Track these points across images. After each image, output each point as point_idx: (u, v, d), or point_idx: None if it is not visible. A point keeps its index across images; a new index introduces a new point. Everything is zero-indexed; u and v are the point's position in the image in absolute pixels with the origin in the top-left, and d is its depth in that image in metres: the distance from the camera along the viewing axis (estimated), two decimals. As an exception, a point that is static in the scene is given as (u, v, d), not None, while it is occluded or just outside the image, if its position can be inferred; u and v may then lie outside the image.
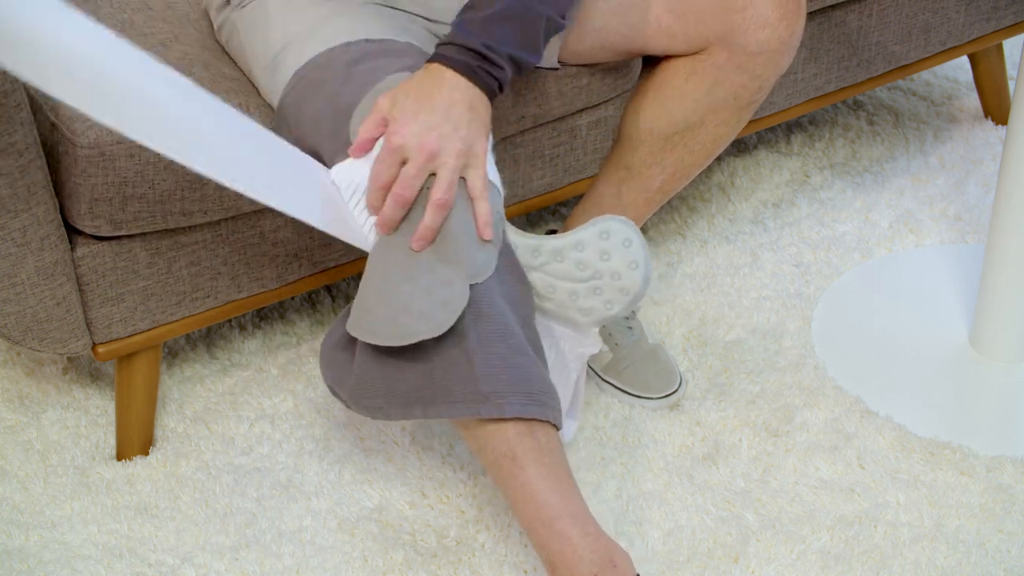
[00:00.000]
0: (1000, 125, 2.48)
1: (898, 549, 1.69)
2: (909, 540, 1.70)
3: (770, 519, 1.73)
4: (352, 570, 1.67)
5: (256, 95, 1.71)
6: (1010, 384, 1.95)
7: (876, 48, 2.19)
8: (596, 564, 1.50)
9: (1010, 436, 1.86)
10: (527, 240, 1.64)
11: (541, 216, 2.26)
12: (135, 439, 1.82)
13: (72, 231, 1.67)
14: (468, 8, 1.57)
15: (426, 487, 1.77)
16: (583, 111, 1.92)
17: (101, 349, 1.73)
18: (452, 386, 1.50)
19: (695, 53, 1.70)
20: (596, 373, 1.93)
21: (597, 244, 1.63)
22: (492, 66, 1.54)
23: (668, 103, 1.74)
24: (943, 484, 1.78)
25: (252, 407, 1.89)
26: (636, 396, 1.89)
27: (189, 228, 1.72)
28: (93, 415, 1.89)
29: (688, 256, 2.16)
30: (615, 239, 1.63)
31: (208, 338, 2.01)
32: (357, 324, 1.51)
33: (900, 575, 1.66)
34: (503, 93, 1.60)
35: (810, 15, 2.08)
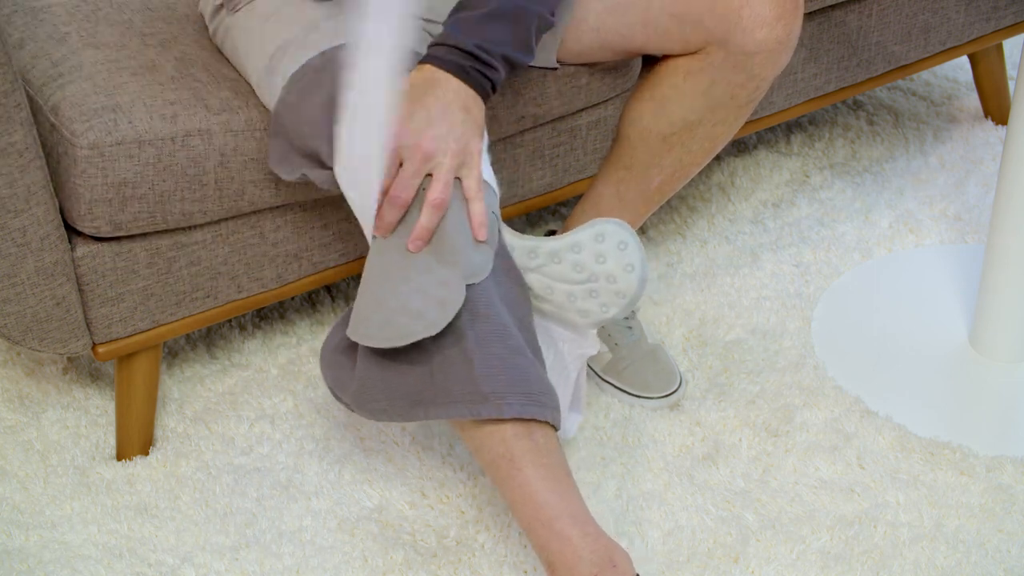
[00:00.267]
0: (1000, 125, 2.47)
1: (898, 549, 1.69)
2: (909, 540, 1.70)
3: (770, 519, 1.73)
4: (352, 570, 1.67)
5: (255, 95, 1.72)
6: (1010, 384, 1.95)
7: (876, 48, 2.19)
8: (596, 564, 1.50)
9: (1010, 436, 1.86)
10: (524, 242, 1.64)
11: (541, 216, 2.26)
12: (135, 439, 1.82)
13: (72, 231, 1.67)
14: (460, 8, 1.57)
15: (426, 487, 1.77)
16: (583, 111, 1.91)
17: (101, 349, 1.73)
18: (451, 386, 1.50)
19: (693, 53, 1.70)
20: (596, 373, 1.92)
21: (593, 247, 1.63)
22: (485, 67, 1.54)
23: (666, 103, 1.74)
24: (943, 484, 1.78)
25: (252, 407, 1.89)
26: (636, 396, 1.89)
27: (189, 228, 1.71)
28: (93, 415, 1.89)
29: (688, 256, 2.16)
30: (610, 242, 1.63)
31: (208, 338, 2.01)
32: (356, 328, 1.51)
33: (900, 575, 1.66)
34: (496, 93, 1.60)
35: (810, 15, 2.08)
